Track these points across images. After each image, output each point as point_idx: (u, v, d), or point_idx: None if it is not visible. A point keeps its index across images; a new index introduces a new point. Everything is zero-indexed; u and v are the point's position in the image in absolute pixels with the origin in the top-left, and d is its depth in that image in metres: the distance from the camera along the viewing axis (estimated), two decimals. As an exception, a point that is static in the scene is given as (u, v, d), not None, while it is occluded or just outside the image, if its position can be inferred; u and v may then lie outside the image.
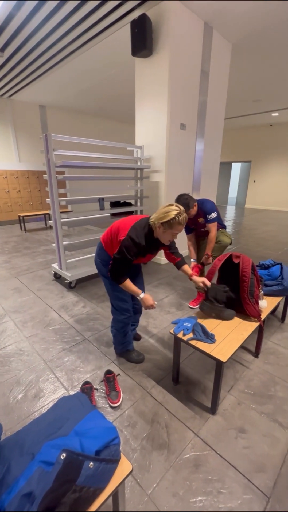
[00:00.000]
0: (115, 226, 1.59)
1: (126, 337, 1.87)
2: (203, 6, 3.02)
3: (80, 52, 4.05)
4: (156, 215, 1.46)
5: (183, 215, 1.43)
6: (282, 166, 9.63)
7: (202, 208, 2.34)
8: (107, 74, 4.98)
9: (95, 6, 2.93)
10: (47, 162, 2.76)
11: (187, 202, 2.22)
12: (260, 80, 5.28)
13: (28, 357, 1.95)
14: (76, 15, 3.11)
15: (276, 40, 3.70)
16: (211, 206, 2.32)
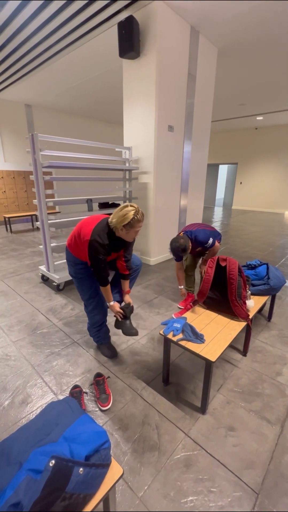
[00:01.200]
0: (77, 229, 1.66)
1: (99, 332, 1.96)
2: (189, 11, 3.07)
3: (67, 51, 4.01)
4: (115, 219, 1.52)
5: (140, 212, 1.52)
6: (267, 168, 9.89)
7: (196, 241, 2.31)
8: (95, 75, 4.96)
9: (82, 6, 2.91)
10: (33, 163, 2.71)
11: (184, 247, 2.16)
12: (245, 85, 5.41)
13: (15, 362, 1.90)
14: (63, 14, 3.07)
15: (260, 46, 3.80)
16: (203, 236, 2.28)
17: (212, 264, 1.80)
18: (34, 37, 3.60)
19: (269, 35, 3.51)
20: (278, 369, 1.86)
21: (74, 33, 3.48)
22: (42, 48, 3.90)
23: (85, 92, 6.00)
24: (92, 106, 7.17)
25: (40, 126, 7.34)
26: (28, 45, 3.84)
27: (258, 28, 3.34)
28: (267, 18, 3.14)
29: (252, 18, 3.13)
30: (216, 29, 3.41)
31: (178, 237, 2.23)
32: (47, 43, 3.75)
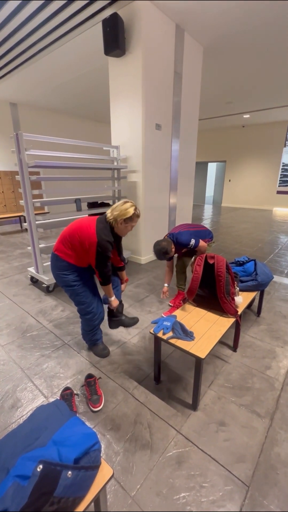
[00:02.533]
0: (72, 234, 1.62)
1: (95, 335, 1.96)
2: (173, 9, 3.06)
3: (51, 49, 3.94)
4: (115, 213, 1.62)
5: (137, 208, 1.68)
6: (255, 165, 10.04)
7: (179, 243, 2.32)
8: (81, 73, 4.89)
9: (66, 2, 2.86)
10: (19, 163, 2.66)
11: (165, 250, 2.20)
12: (232, 83, 5.46)
13: (4, 366, 1.87)
14: (46, 10, 3.01)
15: (245, 44, 3.84)
16: (185, 238, 2.29)
17: (200, 262, 1.81)
18: (16, 34, 3.52)
19: (254, 33, 3.55)
20: (267, 363, 1.90)
21: (58, 30, 3.42)
22: (25, 45, 3.82)
23: (72, 90, 5.92)
24: (79, 105, 7.08)
25: (27, 125, 7.20)
26: (10, 42, 3.75)
27: (243, 26, 3.37)
28: (252, 16, 3.18)
29: (237, 16, 3.16)
30: (201, 27, 3.42)
31: (160, 241, 2.27)
32: (31, 40, 3.67)
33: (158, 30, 3.16)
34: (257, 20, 3.25)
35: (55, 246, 1.73)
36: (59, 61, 4.42)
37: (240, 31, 3.47)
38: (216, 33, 3.56)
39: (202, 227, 2.63)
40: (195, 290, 1.83)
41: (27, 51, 4.03)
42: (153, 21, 3.07)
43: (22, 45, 3.82)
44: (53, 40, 3.67)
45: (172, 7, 3.03)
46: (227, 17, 3.17)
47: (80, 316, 1.90)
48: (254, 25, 3.36)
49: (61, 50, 3.99)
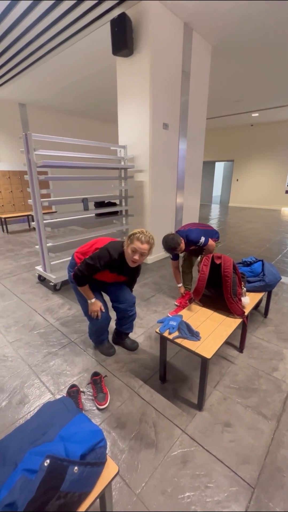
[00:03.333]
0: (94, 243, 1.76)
1: (102, 336, 1.98)
2: (182, 7, 3.05)
3: (60, 50, 3.98)
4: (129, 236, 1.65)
5: (146, 235, 1.60)
6: (263, 165, 9.91)
7: (189, 239, 2.33)
8: (89, 73, 4.92)
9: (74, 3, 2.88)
10: (28, 162, 2.69)
11: (176, 241, 2.23)
12: (240, 81, 5.40)
13: (12, 362, 1.90)
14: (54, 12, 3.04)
15: (254, 42, 3.79)
16: (195, 235, 2.31)
17: (207, 262, 1.80)
18: (26, 35, 3.56)
19: (264, 31, 3.51)
20: (274, 364, 1.88)
21: (66, 31, 3.44)
22: (34, 46, 3.87)
23: (80, 91, 5.96)
24: (87, 105, 7.13)
25: (35, 126, 7.29)
26: (20, 44, 3.80)
27: (252, 24, 3.33)
28: (261, 14, 3.13)
29: (246, 14, 3.12)
30: (210, 25, 3.40)
31: (169, 235, 2.28)
32: (39, 41, 3.71)
33: (166, 29, 3.15)
34: (267, 18, 3.20)
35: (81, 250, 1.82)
36: (67, 62, 4.46)
37: (249, 29, 3.43)
38: (224, 32, 3.53)
39: (209, 226, 2.62)
40: (201, 290, 1.82)
41: (36, 52, 4.07)
42: (161, 20, 3.06)
43: (31, 46, 3.87)
44: (62, 41, 3.70)
45: (180, 5, 3.02)
46: (236, 15, 3.14)
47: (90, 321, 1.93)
48: (264, 23, 3.31)
49: (69, 51, 4.03)
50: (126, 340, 2.05)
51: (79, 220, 3.34)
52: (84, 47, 3.89)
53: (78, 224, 3.28)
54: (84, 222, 3.37)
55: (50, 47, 3.90)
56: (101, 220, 3.65)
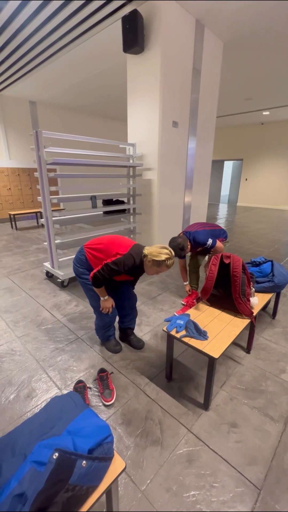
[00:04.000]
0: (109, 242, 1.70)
1: (108, 331, 1.99)
2: (194, 4, 3.01)
3: (70, 48, 3.99)
4: (151, 249, 1.61)
5: (172, 260, 1.61)
6: (273, 164, 9.75)
7: (196, 241, 2.31)
8: (99, 70, 4.93)
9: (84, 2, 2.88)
10: (37, 159, 2.72)
11: (181, 246, 2.20)
12: (252, 79, 5.31)
13: (20, 357, 1.93)
14: (65, 9, 3.05)
15: (267, 39, 3.72)
16: (203, 237, 2.28)
17: (216, 262, 1.79)
18: (37, 34, 3.58)
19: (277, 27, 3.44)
20: (282, 366, 1.85)
21: (77, 29, 3.45)
22: (45, 44, 3.89)
23: (90, 89, 5.97)
24: (97, 103, 7.14)
25: (45, 123, 7.35)
26: (31, 42, 3.83)
27: (265, 20, 3.27)
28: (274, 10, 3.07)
29: (259, 10, 3.06)
30: (222, 22, 3.35)
31: (176, 237, 2.27)
32: (50, 39, 3.73)
33: (177, 26, 3.13)
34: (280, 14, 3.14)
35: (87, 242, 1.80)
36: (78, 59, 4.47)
37: (261, 25, 3.37)
38: (237, 28, 3.47)
39: (217, 226, 2.59)
40: (209, 290, 1.81)
41: (47, 50, 4.09)
42: (173, 17, 3.04)
43: (42, 44, 3.89)
44: (73, 38, 3.71)
45: (192, 2, 2.98)
46: (249, 11, 3.08)
47: (94, 311, 1.95)
48: (277, 19, 3.24)
49: (80, 48, 4.03)
50: (132, 338, 2.06)
51: (87, 217, 3.36)
52: (95, 44, 3.89)
53: (86, 221, 3.30)
54: (92, 219, 3.39)
55: (61, 45, 3.92)
56: (109, 218, 3.65)
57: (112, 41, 3.69)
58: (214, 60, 3.84)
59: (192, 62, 3.50)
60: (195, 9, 3.12)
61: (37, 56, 4.32)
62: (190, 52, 3.43)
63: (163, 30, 2.97)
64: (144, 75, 3.30)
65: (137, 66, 3.35)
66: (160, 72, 3.10)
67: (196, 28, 3.36)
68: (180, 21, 3.14)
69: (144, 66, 3.26)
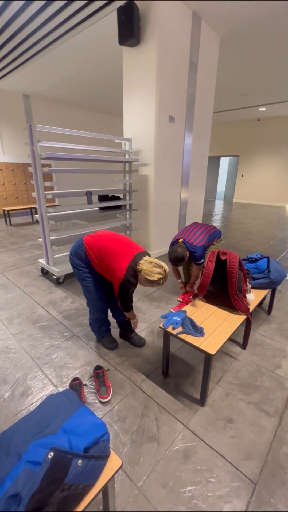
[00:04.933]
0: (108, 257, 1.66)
1: (102, 327, 1.98)
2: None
3: (65, 39, 3.89)
4: (145, 266, 1.60)
5: (165, 279, 1.63)
6: (270, 161, 9.77)
7: (192, 256, 2.33)
8: (95, 63, 4.83)
9: (80, -10, 2.81)
10: (31, 154, 2.67)
11: (181, 257, 2.20)
12: (248, 74, 5.28)
13: (15, 354, 1.91)
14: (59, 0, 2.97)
15: (264, 34, 3.69)
16: (199, 255, 2.31)
17: (212, 258, 1.78)
18: (30, 24, 3.48)
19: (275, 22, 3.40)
20: (277, 362, 1.87)
21: (72, 19, 3.36)
22: (39, 35, 3.78)
23: (85, 82, 5.87)
24: (92, 97, 7.03)
25: (39, 117, 7.22)
26: (24, 33, 3.72)
27: (262, 15, 3.23)
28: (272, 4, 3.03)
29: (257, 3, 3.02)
30: (219, 15, 3.30)
31: (175, 247, 2.24)
32: (44, 30, 3.63)
33: (174, 18, 3.07)
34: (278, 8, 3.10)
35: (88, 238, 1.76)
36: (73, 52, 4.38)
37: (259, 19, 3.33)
38: (234, 22, 3.42)
39: (212, 228, 2.57)
40: (206, 286, 1.80)
41: (41, 42, 3.99)
42: (169, 9, 2.98)
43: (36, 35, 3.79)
44: (68, 29, 3.61)
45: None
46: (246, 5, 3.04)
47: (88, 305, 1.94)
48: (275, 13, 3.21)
49: (75, 40, 3.95)
50: (133, 336, 2.05)
51: (83, 213, 3.32)
52: (89, 36, 3.81)
53: (81, 217, 3.26)
54: (88, 215, 3.35)
55: (55, 36, 3.82)
56: (104, 214, 3.62)
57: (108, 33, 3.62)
58: (211, 54, 3.80)
59: (189, 56, 3.45)
60: (192, 1, 3.06)
61: (31, 48, 4.21)
62: (187, 46, 3.38)
63: (159, 22, 2.92)
64: (140, 68, 3.24)
65: (133, 59, 3.29)
66: (156, 65, 3.05)
67: (193, 21, 3.31)
68: (176, 13, 3.08)
69: (140, 59, 3.21)
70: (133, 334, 2.06)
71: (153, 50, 3.03)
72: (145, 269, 1.59)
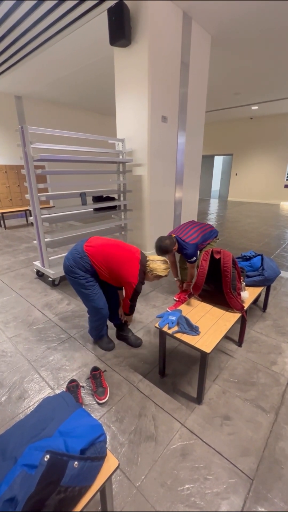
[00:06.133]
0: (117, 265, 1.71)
1: (101, 331, 1.99)
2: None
3: (56, 40, 3.88)
4: (155, 265, 1.77)
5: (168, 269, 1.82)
6: (263, 159, 9.84)
7: (183, 253, 2.33)
8: (87, 64, 4.81)
9: (70, -9, 2.80)
10: (24, 156, 2.65)
11: (166, 249, 2.22)
12: (240, 73, 5.31)
13: (11, 358, 1.90)
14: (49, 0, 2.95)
15: (255, 33, 3.71)
16: (191, 252, 2.30)
17: (206, 257, 1.79)
18: (21, 24, 3.47)
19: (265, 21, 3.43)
20: (273, 358, 1.89)
21: (62, 20, 3.35)
22: (29, 36, 3.77)
23: (77, 83, 5.85)
24: (85, 97, 7.00)
25: (32, 119, 7.17)
26: (15, 33, 3.70)
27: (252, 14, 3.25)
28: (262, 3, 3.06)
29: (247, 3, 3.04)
30: (209, 15, 3.32)
31: (165, 238, 2.25)
32: (35, 31, 3.61)
33: (164, 18, 3.08)
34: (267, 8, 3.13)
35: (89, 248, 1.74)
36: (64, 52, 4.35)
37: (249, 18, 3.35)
38: (224, 21, 3.44)
39: (209, 228, 2.57)
40: (201, 285, 1.81)
41: (31, 43, 3.97)
42: (160, 9, 2.98)
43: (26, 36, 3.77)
44: (58, 30, 3.60)
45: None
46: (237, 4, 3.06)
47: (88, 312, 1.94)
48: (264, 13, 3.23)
49: (66, 41, 3.93)
50: (130, 336, 2.05)
51: (77, 214, 3.31)
52: (81, 37, 3.80)
53: (76, 218, 3.25)
54: (82, 216, 3.35)
55: (46, 37, 3.80)
56: (99, 214, 3.62)
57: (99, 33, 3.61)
58: (202, 54, 3.81)
59: (180, 55, 3.46)
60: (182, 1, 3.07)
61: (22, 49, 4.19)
62: (178, 45, 3.39)
63: (150, 22, 2.92)
64: (132, 68, 3.24)
65: (124, 60, 3.29)
66: (148, 65, 3.06)
67: (183, 20, 3.32)
68: (167, 13, 3.09)
69: (131, 59, 3.21)
70: (130, 335, 2.06)
71: (144, 50, 3.03)
72: (156, 267, 1.77)
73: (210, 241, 2.53)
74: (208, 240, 2.51)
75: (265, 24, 3.50)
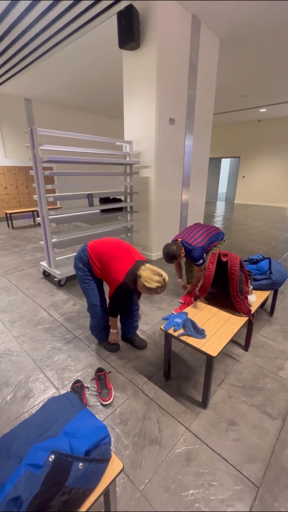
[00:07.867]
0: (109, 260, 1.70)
1: (102, 332, 1.98)
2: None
3: (66, 43, 3.93)
4: (145, 273, 1.59)
5: (163, 288, 1.60)
6: (271, 162, 9.75)
7: (190, 256, 2.31)
8: (95, 67, 4.87)
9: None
10: (33, 157, 2.69)
11: (173, 255, 2.20)
12: (248, 76, 5.29)
13: (17, 357, 1.91)
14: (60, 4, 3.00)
15: (264, 36, 3.70)
16: (198, 255, 2.28)
17: (213, 260, 1.78)
18: (31, 29, 3.52)
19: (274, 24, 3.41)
20: (280, 363, 1.85)
21: (72, 24, 3.40)
22: (40, 40, 3.83)
23: (85, 85, 5.91)
24: (93, 100, 7.07)
25: (40, 121, 7.27)
26: (25, 38, 3.77)
27: (261, 16, 3.24)
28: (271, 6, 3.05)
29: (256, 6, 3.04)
30: (218, 18, 3.32)
31: (170, 244, 2.24)
32: (45, 35, 3.67)
33: (173, 22, 3.09)
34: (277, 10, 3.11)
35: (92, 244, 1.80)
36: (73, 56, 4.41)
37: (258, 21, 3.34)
38: (233, 24, 3.44)
39: (215, 230, 2.55)
40: (207, 288, 1.80)
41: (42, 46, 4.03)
42: (169, 12, 3.00)
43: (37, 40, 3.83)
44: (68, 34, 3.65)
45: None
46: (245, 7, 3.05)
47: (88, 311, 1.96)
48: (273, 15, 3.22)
49: (76, 44, 3.98)
50: (135, 338, 2.05)
51: (84, 216, 3.33)
52: (90, 40, 3.85)
53: (83, 220, 3.27)
54: (89, 218, 3.36)
55: (56, 41, 3.86)
56: (106, 216, 3.63)
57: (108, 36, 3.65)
58: (210, 56, 3.82)
59: (189, 58, 3.47)
60: (191, 4, 3.08)
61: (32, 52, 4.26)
62: (187, 48, 3.40)
63: (159, 26, 2.94)
64: (140, 71, 3.26)
65: (133, 62, 3.31)
66: (156, 68, 3.07)
67: (192, 23, 3.33)
68: (176, 16, 3.10)
69: (140, 62, 3.23)
70: (135, 337, 2.06)
71: (153, 53, 3.05)
72: (145, 275, 1.58)
73: (216, 243, 2.52)
74: (215, 242, 2.50)
75: (274, 25, 3.48)
